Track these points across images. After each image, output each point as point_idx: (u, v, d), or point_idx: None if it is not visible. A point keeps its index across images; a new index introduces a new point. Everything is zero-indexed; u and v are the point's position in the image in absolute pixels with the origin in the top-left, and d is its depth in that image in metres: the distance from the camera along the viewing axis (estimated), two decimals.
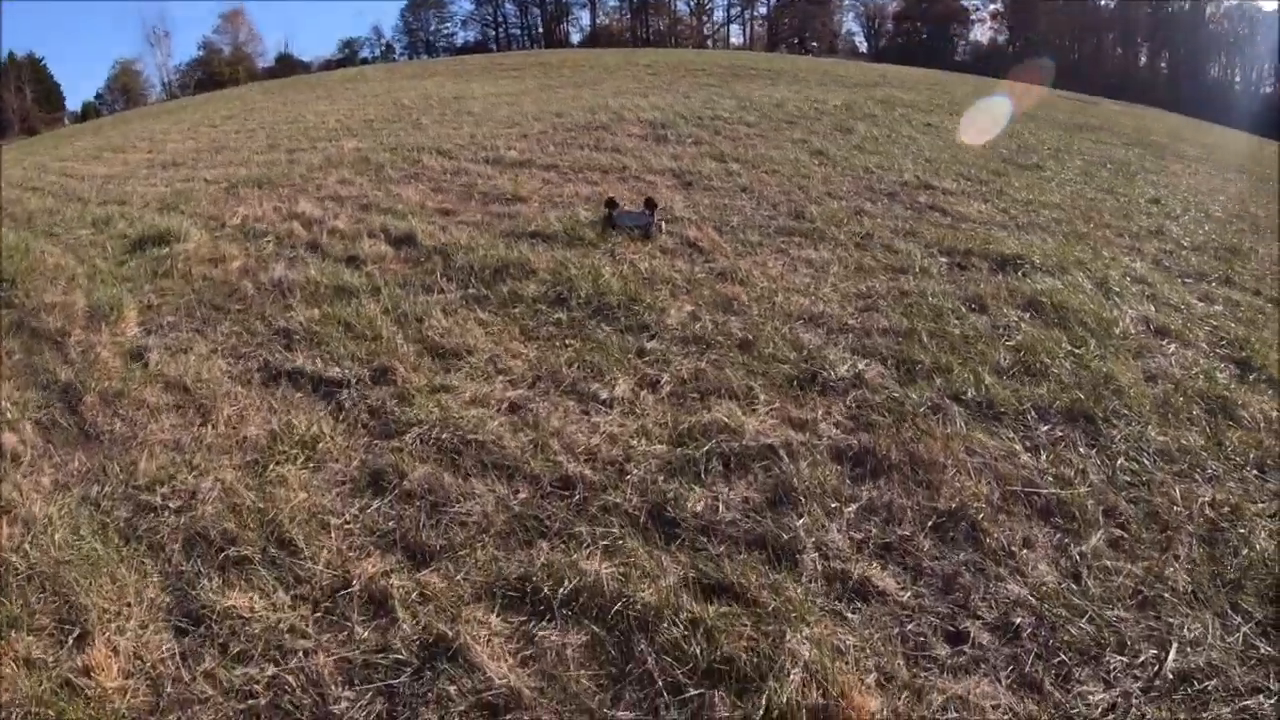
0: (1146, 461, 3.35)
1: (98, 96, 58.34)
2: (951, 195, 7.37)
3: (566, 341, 4.20)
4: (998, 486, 3.16)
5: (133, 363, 4.66)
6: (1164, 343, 4.45)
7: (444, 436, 3.45)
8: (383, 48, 66.58)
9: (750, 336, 4.21)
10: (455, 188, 7.47)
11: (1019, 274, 5.29)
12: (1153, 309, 4.92)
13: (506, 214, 6.48)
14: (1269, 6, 56.71)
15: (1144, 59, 60.84)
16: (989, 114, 14.08)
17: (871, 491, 3.10)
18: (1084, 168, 9.66)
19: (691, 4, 67.31)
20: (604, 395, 3.69)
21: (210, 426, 3.84)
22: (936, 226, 6.33)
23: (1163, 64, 58.97)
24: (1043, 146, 10.92)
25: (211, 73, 57.48)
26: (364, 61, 59.03)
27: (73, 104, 57.35)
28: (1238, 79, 58.00)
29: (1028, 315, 4.66)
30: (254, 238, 6.65)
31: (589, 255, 5.31)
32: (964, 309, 4.70)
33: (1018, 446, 3.41)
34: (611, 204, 6.01)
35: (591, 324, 4.38)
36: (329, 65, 56.91)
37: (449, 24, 68.09)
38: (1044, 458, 3.35)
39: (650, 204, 5.96)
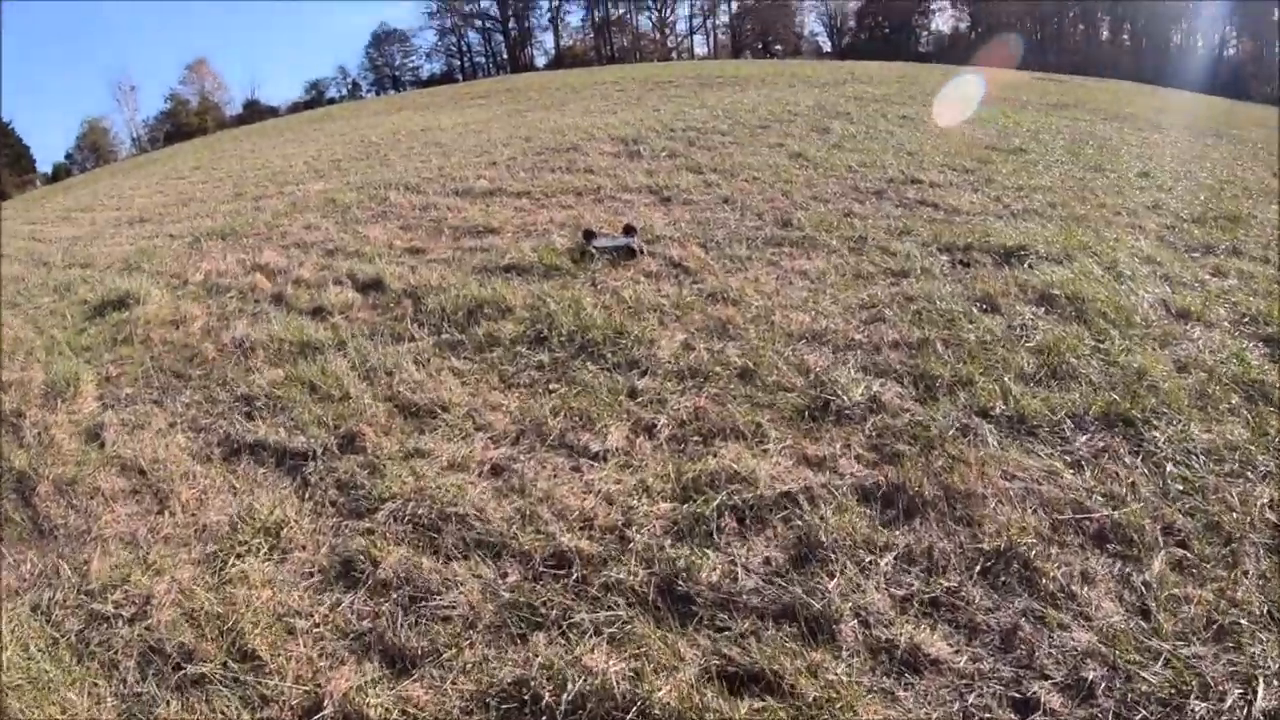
0: (1196, 465, 3.04)
1: (68, 156, 57.90)
2: (940, 188, 7.07)
3: (550, 387, 3.82)
4: (1045, 515, 2.82)
5: (89, 443, 4.30)
6: (1187, 326, 4.17)
7: (420, 512, 3.07)
8: (349, 86, 66.39)
9: (751, 363, 3.84)
10: (424, 224, 7.11)
11: (1025, 266, 5.00)
12: (1168, 290, 4.64)
13: (479, 248, 6.12)
14: None
15: (1106, 33, 61.27)
16: (961, 95, 13.89)
17: (907, 536, 2.75)
18: (1068, 147, 9.41)
19: (653, 19, 67.48)
20: (596, 447, 3.31)
21: (168, 514, 3.48)
22: (930, 222, 6.02)
23: (1125, 37, 59.39)
24: (1021, 129, 10.69)
25: (180, 124, 57.11)
26: (331, 101, 58.77)
27: (44, 165, 56.97)
28: (1200, 44, 58.48)
29: (1042, 311, 4.35)
30: (216, 294, 6.31)
31: (568, 287, 4.94)
32: (975, 311, 4.36)
33: (1058, 464, 3.07)
34: (589, 235, 5.67)
35: (576, 364, 4.00)
36: (297, 107, 56.78)
37: (413, 57, 68.09)
38: (1088, 474, 3.02)
39: (629, 229, 5.63)
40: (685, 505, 2.91)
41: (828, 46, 66.58)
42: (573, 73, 32.16)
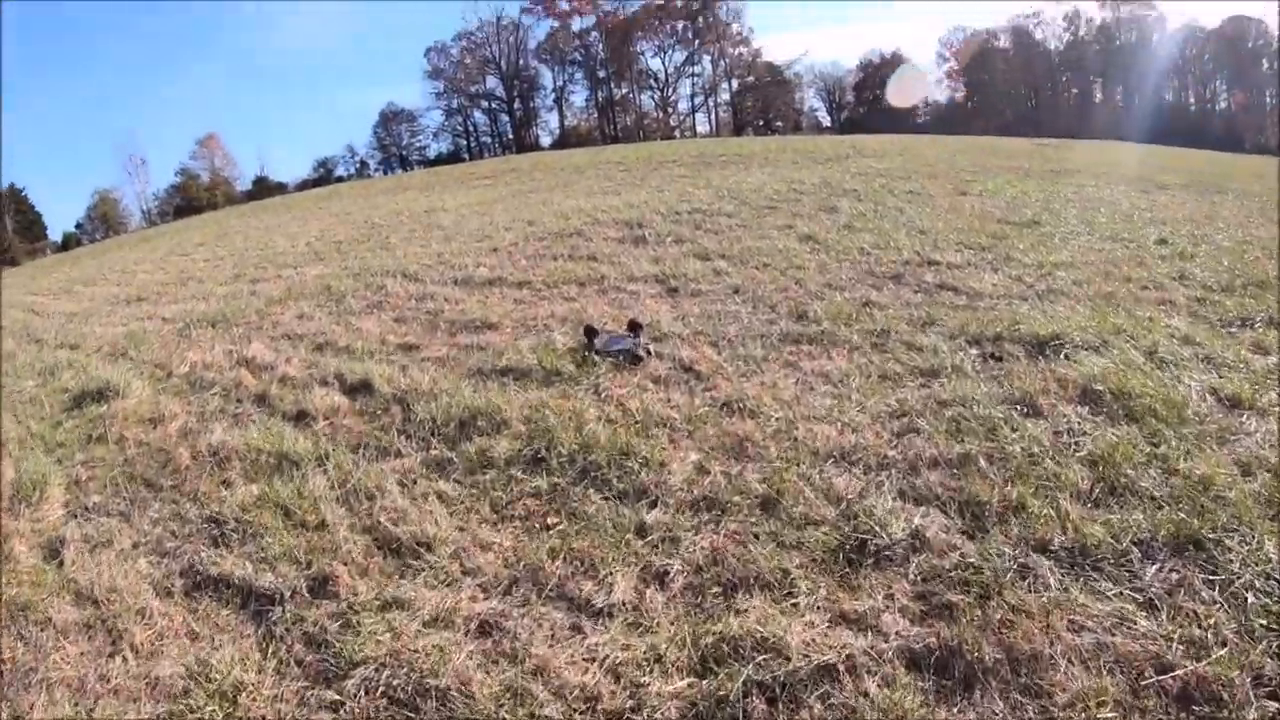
0: (1276, 591, 2.63)
1: (78, 226, 58.73)
2: (959, 269, 6.78)
3: (548, 520, 3.38)
4: (1122, 675, 2.40)
5: (48, 560, 3.93)
6: (1242, 419, 3.80)
7: (396, 682, 2.61)
8: (357, 164, 67.63)
9: (773, 490, 3.42)
10: (420, 316, 6.80)
11: (1061, 357, 4.65)
12: (1214, 376, 4.30)
13: (475, 345, 5.78)
14: (1211, 24, 58.68)
15: (1099, 96, 62.60)
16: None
17: (968, 713, 2.30)
18: (1080, 216, 9.26)
19: (656, 98, 69.14)
20: (599, 600, 2.86)
21: (120, 659, 3.07)
22: (954, 309, 5.70)
23: (1118, 97, 60.64)
24: (1030, 199, 10.57)
25: (189, 198, 58.05)
26: (339, 179, 59.80)
27: (55, 233, 57.80)
28: (1191, 101, 59.70)
29: (1087, 411, 3.97)
30: (199, 390, 6.00)
31: (569, 395, 4.55)
32: (1015, 415, 3.97)
33: (1130, 606, 2.65)
34: (591, 333, 5.31)
35: (578, 492, 3.56)
36: (305, 185, 57.73)
37: (420, 136, 69.53)
38: (1164, 616, 2.60)
39: (634, 326, 5.27)
40: (705, 681, 2.45)
41: (827, 121, 68.10)
42: (577, 152, 32.64)
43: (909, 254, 7.31)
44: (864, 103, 66.22)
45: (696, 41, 67.14)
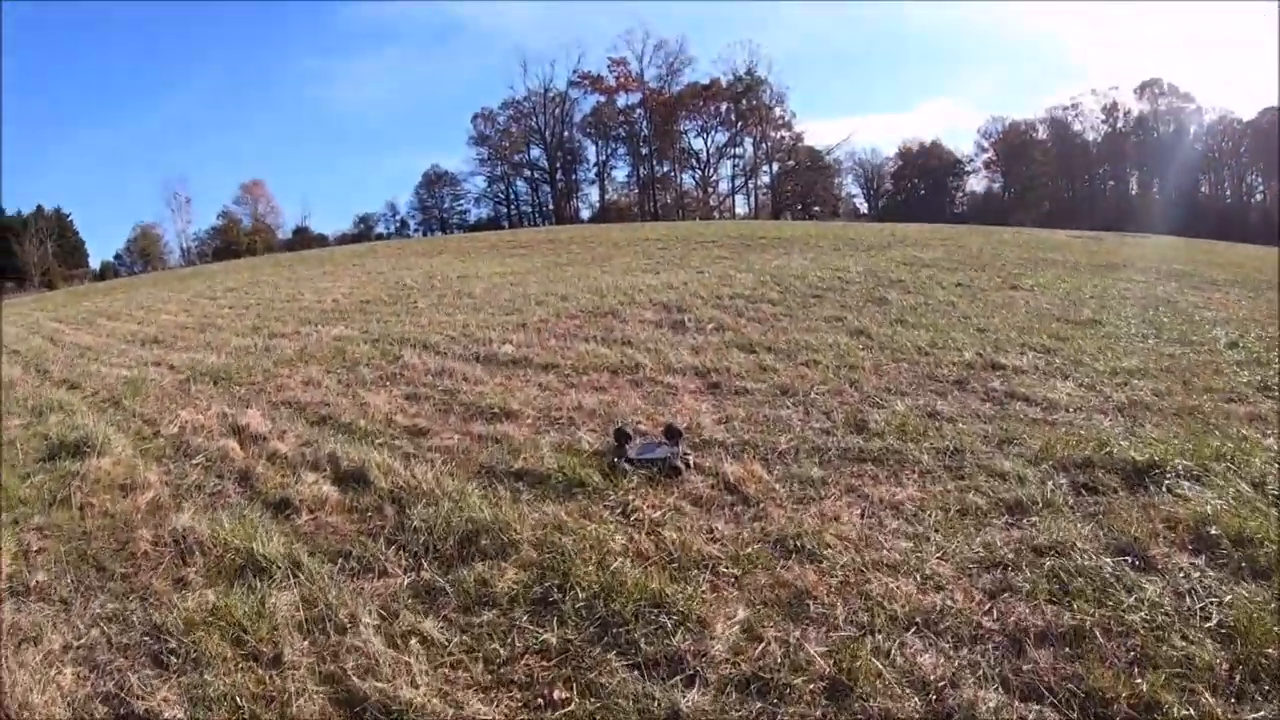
0: None
1: (117, 257, 59.91)
2: (1026, 375, 6.10)
3: (555, 694, 2.63)
4: None
5: None
6: None
7: None
8: (397, 223, 68.74)
9: (843, 671, 2.66)
10: (435, 395, 6.20)
11: (1163, 489, 3.95)
12: None
13: (490, 436, 5.12)
14: (1247, 116, 58.64)
15: (1135, 188, 62.42)
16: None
17: None
18: (1139, 315, 8.66)
19: (696, 178, 70.01)
20: None
21: None
22: (1030, 424, 5.00)
23: (1155, 189, 60.41)
24: (1083, 295, 9.94)
25: (229, 241, 59.03)
26: (379, 237, 60.66)
27: (97, 260, 59.09)
28: (1228, 193, 59.27)
29: (1203, 562, 3.27)
30: (183, 456, 5.51)
31: (592, 515, 3.82)
32: (1126, 569, 3.22)
33: None
34: (622, 437, 4.60)
35: (595, 654, 2.80)
36: (345, 239, 58.62)
37: (462, 201, 70.73)
38: None
39: (672, 433, 4.58)
40: None
41: (864, 208, 68.49)
42: (615, 227, 32.63)
43: (970, 355, 6.64)
44: (902, 190, 66.49)
45: (739, 124, 68.33)
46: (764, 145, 68.88)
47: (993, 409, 5.35)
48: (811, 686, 2.62)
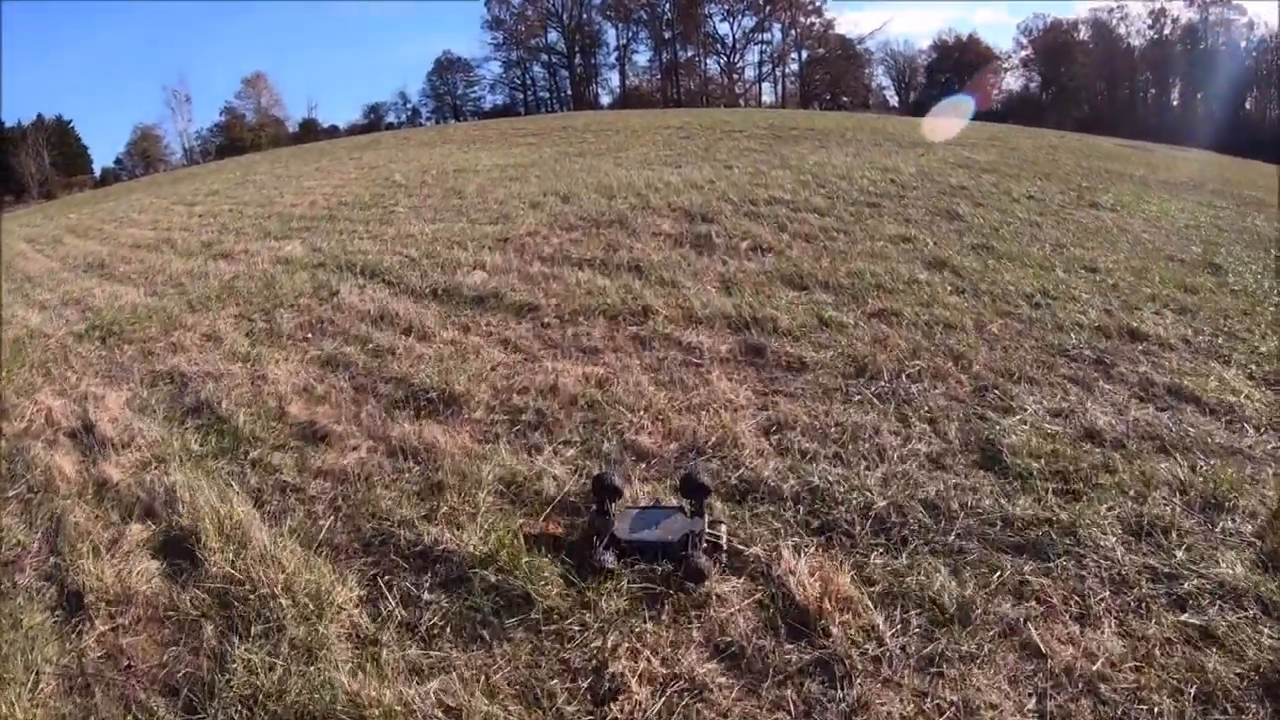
0: None
1: (118, 161, 57.61)
2: (1175, 351, 4.22)
3: None
4: None
5: None
6: None
7: None
8: (409, 112, 65.18)
9: None
10: (358, 360, 4.42)
11: None
12: None
13: (410, 450, 3.34)
14: None
15: (1176, 99, 58.19)
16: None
17: None
18: (1254, 258, 6.52)
19: (722, 64, 65.35)
20: None
21: None
22: (1224, 457, 3.16)
23: (1198, 102, 56.12)
24: (1176, 223, 7.85)
25: (233, 138, 56.27)
26: (389, 127, 57.52)
27: (101, 167, 56.98)
28: (1277, 111, 55.12)
29: None
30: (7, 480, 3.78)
31: (527, 688, 2.06)
32: None
33: None
34: (606, 491, 2.62)
35: None
36: (354, 130, 55.63)
37: (476, 88, 66.71)
38: None
39: (692, 488, 2.64)
40: None
41: (895, 101, 64.09)
42: (635, 114, 29.92)
43: (1095, 314, 4.66)
44: (935, 85, 61.85)
45: (767, 7, 63.09)
46: (793, 31, 63.69)
47: (1164, 421, 3.41)
48: None
